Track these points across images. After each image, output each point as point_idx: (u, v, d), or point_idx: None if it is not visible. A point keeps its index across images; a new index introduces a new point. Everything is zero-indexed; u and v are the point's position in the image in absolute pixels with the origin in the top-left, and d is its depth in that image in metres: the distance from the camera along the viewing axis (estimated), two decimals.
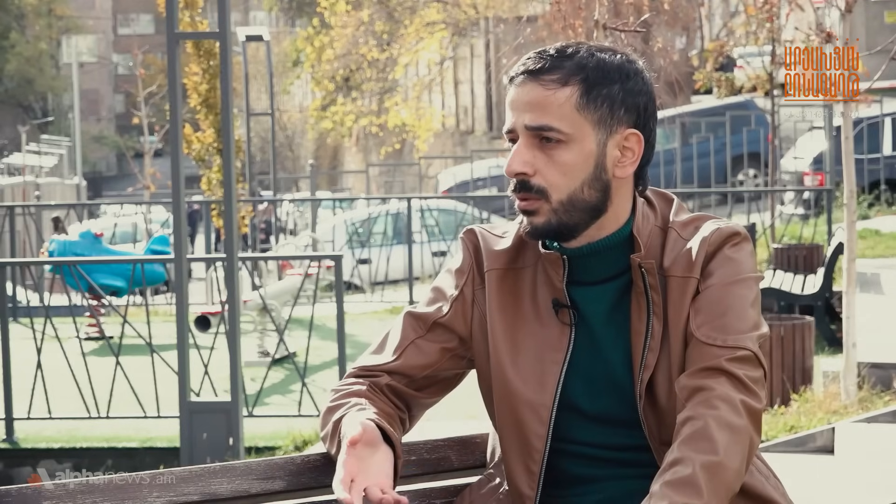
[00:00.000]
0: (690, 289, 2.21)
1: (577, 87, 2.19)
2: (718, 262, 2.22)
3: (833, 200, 13.64)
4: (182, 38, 7.87)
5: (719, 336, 2.16)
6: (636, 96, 2.23)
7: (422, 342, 2.33)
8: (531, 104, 2.20)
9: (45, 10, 57.29)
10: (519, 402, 2.25)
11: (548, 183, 2.20)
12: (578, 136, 2.20)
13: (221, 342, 8.43)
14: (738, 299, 2.20)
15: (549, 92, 2.19)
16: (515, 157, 2.20)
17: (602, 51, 2.25)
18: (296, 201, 23.74)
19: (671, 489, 2.02)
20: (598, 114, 2.20)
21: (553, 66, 2.20)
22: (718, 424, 2.08)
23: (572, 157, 2.20)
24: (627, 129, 2.23)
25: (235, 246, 7.81)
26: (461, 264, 2.36)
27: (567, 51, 2.22)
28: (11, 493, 2.14)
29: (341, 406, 2.27)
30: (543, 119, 2.19)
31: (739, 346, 2.15)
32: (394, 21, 28.71)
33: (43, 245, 14.08)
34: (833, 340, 9.47)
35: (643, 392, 2.21)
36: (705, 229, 2.25)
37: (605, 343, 2.25)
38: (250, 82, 19.57)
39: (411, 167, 30.60)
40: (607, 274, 2.27)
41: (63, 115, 56.85)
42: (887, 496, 5.21)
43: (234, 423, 7.58)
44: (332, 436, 2.23)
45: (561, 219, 2.21)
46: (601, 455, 2.18)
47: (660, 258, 2.24)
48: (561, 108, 2.19)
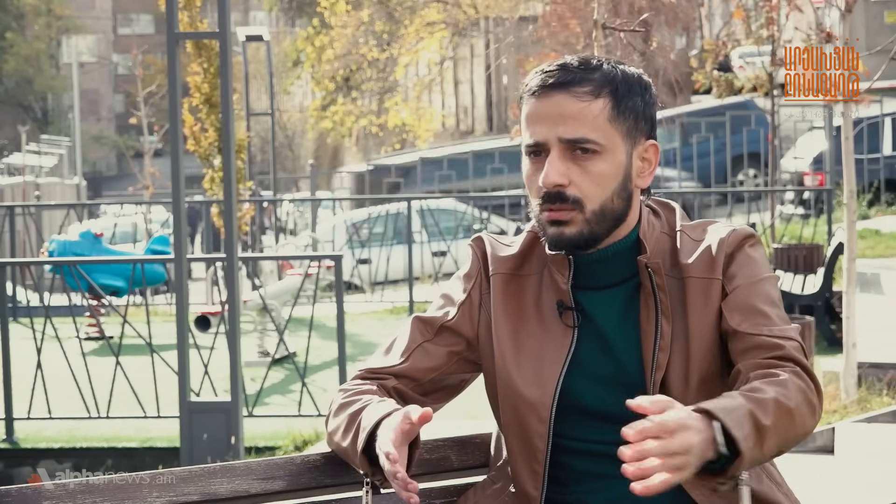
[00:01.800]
0: (714, 290, 2.24)
1: (608, 99, 2.24)
2: (740, 262, 2.26)
3: (833, 200, 13.64)
4: (182, 38, 7.87)
5: (765, 327, 2.20)
6: (652, 108, 2.30)
7: (429, 346, 2.36)
8: (565, 116, 2.22)
9: (45, 10, 57.24)
10: (520, 402, 2.27)
11: (583, 194, 2.23)
12: (611, 147, 2.24)
13: (221, 342, 8.43)
14: (769, 297, 2.25)
15: (583, 104, 2.22)
16: (552, 169, 2.22)
17: (620, 63, 2.31)
18: (296, 201, 23.74)
19: (754, 391, 2.08)
20: (626, 125, 2.25)
21: (583, 77, 2.24)
22: (797, 387, 2.13)
23: (605, 168, 2.23)
24: (647, 139, 2.29)
25: (235, 246, 7.81)
26: (469, 269, 2.40)
27: (591, 63, 2.26)
28: (11, 493, 2.14)
29: (356, 401, 2.28)
30: (580, 131, 2.22)
31: (787, 336, 2.20)
32: (394, 21, 28.71)
33: (43, 245, 14.08)
34: (833, 340, 9.46)
35: (656, 393, 2.23)
36: (719, 230, 2.29)
37: (618, 344, 2.27)
38: (250, 82, 19.57)
39: None
40: (615, 279, 2.29)
41: (63, 115, 56.84)
42: (887, 496, 5.21)
43: (234, 423, 7.58)
44: (349, 427, 2.24)
45: (593, 229, 2.24)
46: (608, 452, 2.19)
47: (672, 260, 2.28)
48: (596, 120, 2.22)
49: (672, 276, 2.26)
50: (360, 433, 2.19)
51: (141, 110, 20.10)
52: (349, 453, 2.25)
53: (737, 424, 2.00)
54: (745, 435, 2.00)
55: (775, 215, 14.41)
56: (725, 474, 2.02)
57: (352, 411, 2.26)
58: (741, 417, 2.02)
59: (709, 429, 1.98)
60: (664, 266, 2.27)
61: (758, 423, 2.04)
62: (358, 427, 2.21)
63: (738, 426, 2.00)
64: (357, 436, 2.20)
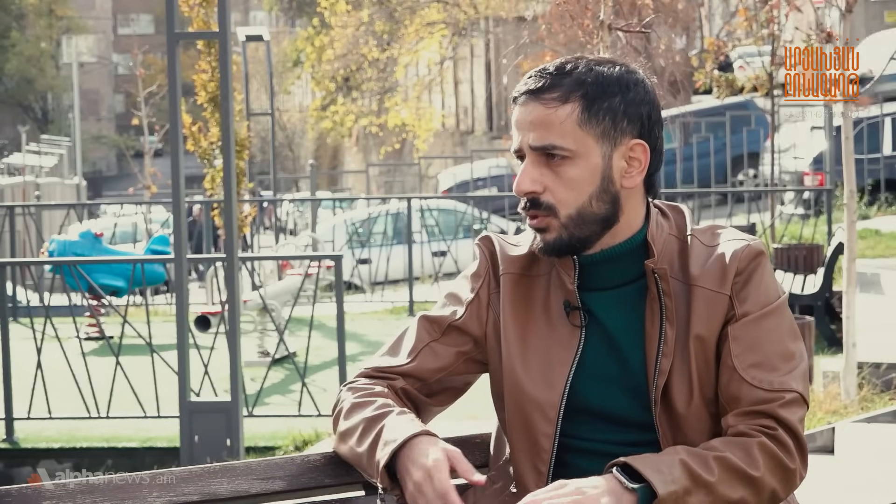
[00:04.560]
0: (720, 305, 2.23)
1: (577, 103, 2.22)
2: (754, 284, 2.24)
3: (833, 200, 13.64)
4: (182, 38, 7.86)
5: (765, 378, 2.19)
6: (638, 106, 2.26)
7: (437, 345, 2.35)
8: (534, 123, 2.23)
9: (46, 10, 57.27)
10: (527, 401, 2.27)
11: (556, 199, 2.23)
12: (582, 151, 2.23)
13: (221, 342, 8.43)
14: (778, 332, 2.23)
15: (550, 110, 2.22)
16: (524, 177, 2.24)
17: (601, 64, 2.28)
18: (296, 201, 23.74)
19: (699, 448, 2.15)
20: (600, 128, 2.23)
21: (552, 84, 2.23)
22: (764, 452, 2.15)
23: (578, 173, 2.23)
24: (632, 139, 2.26)
25: (235, 246, 7.81)
26: (477, 268, 2.39)
27: (566, 67, 2.25)
28: (11, 493, 2.14)
29: (371, 404, 2.27)
30: (547, 138, 2.22)
31: (786, 388, 2.20)
32: (394, 21, 28.71)
33: (43, 245, 14.08)
34: (833, 340, 9.46)
35: (658, 398, 2.23)
36: (733, 242, 2.27)
37: (624, 346, 2.27)
38: (250, 82, 19.57)
39: (411, 167, 30.61)
40: (622, 280, 2.29)
41: (63, 115, 56.85)
42: (887, 496, 5.21)
43: (234, 423, 7.58)
44: (366, 433, 2.22)
45: (572, 233, 2.24)
46: (611, 451, 2.19)
47: (681, 265, 2.27)
48: (563, 126, 2.22)
49: (679, 280, 2.26)
50: (383, 446, 2.17)
51: (141, 110, 20.07)
52: (363, 461, 2.22)
53: (658, 472, 2.06)
54: (669, 479, 2.06)
55: (775, 215, 14.41)
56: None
57: (369, 416, 2.24)
58: (668, 466, 2.08)
59: (609, 481, 2.07)
60: (672, 269, 2.26)
61: (696, 477, 2.08)
62: (378, 437, 2.19)
63: (659, 472, 2.06)
64: (376, 446, 2.18)
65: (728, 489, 2.10)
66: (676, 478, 2.06)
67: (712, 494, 2.09)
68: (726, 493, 2.10)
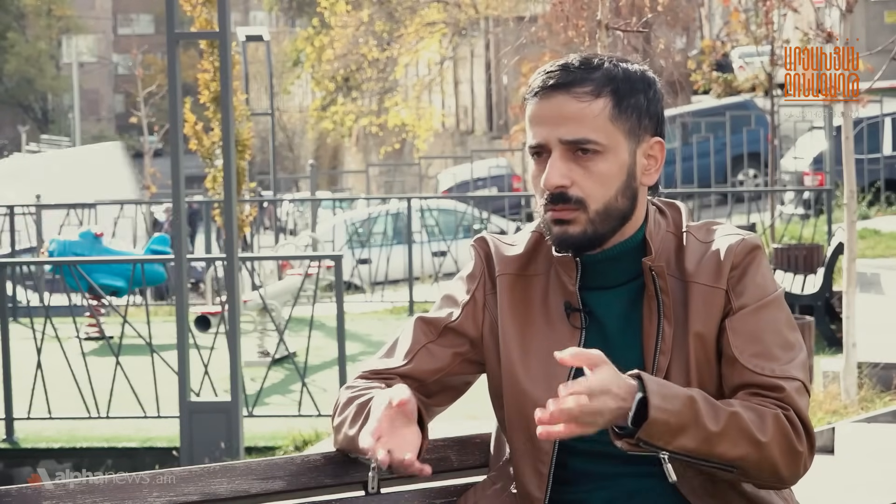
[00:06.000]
0: (717, 300, 2.24)
1: (609, 98, 2.23)
2: (750, 277, 2.25)
3: (833, 200, 13.64)
4: (182, 38, 7.86)
5: (767, 365, 2.20)
6: (657, 104, 2.28)
7: (433, 346, 2.35)
8: (565, 117, 2.22)
9: (45, 10, 57.26)
10: (528, 403, 2.27)
11: (585, 193, 2.22)
12: (613, 146, 2.23)
13: (221, 342, 8.42)
14: (775, 324, 2.24)
15: (583, 104, 2.22)
16: (553, 171, 2.22)
17: (623, 61, 2.29)
18: (296, 201, 23.74)
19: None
20: (628, 124, 2.24)
21: (583, 77, 2.23)
22: (776, 424, 2.15)
23: (608, 167, 2.23)
24: (652, 137, 2.28)
25: (235, 246, 7.81)
26: (472, 270, 2.39)
27: (593, 62, 2.25)
28: (11, 493, 2.14)
29: (364, 394, 2.28)
30: (580, 132, 2.21)
31: (788, 376, 2.20)
32: (394, 21, 28.69)
33: (43, 245, 14.07)
34: (833, 340, 9.46)
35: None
36: (728, 237, 2.28)
37: (620, 345, 2.27)
38: (250, 82, 19.57)
39: (411, 167, 30.58)
40: (621, 279, 2.29)
41: (63, 115, 56.84)
42: (887, 496, 5.21)
43: (234, 423, 7.58)
44: (357, 416, 2.23)
45: (596, 229, 2.24)
46: (610, 451, 2.19)
47: (677, 262, 2.28)
48: (596, 120, 2.22)
49: (676, 277, 2.26)
50: (379, 404, 2.18)
51: (141, 110, 20.11)
52: (356, 441, 2.22)
53: (663, 397, 2.05)
54: (671, 410, 2.05)
55: (775, 215, 14.41)
56: (632, 439, 2.07)
57: (360, 401, 2.26)
58: (674, 396, 2.07)
59: (629, 399, 2.04)
60: (668, 266, 2.27)
61: (698, 419, 2.08)
62: (367, 415, 2.21)
63: (663, 399, 2.05)
64: (367, 420, 2.19)
65: (729, 445, 2.10)
66: (676, 411, 2.06)
67: (708, 444, 2.09)
68: (725, 449, 2.10)
